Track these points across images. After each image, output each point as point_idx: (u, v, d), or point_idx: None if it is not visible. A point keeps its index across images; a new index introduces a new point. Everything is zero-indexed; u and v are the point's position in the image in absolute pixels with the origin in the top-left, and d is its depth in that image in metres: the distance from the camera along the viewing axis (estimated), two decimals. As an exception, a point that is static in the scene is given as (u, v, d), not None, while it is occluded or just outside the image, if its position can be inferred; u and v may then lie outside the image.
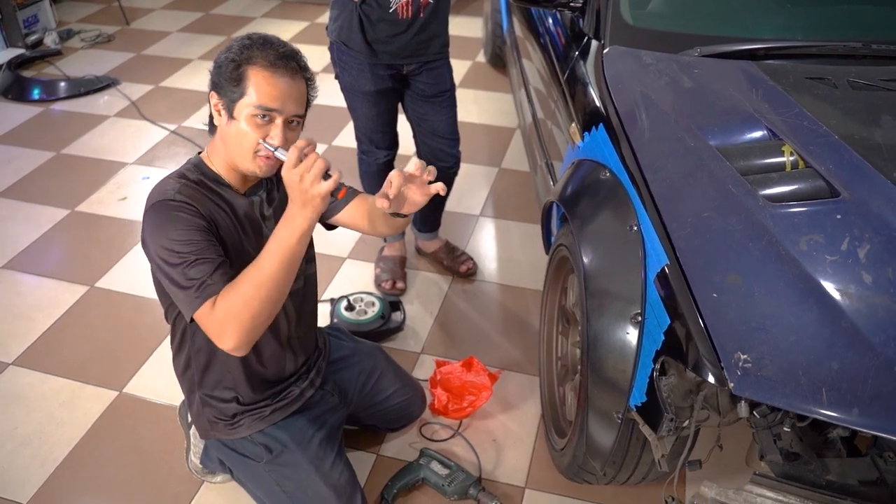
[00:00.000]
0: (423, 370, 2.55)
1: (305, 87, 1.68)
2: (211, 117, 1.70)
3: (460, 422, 2.34)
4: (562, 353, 2.24)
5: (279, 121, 1.60)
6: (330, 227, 2.04)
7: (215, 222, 1.67)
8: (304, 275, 1.93)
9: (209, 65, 1.67)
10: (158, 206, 1.62)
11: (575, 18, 2.43)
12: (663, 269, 1.54)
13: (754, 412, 1.46)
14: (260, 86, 1.58)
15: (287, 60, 1.61)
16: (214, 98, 1.64)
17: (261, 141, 1.60)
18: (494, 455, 2.25)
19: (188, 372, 1.90)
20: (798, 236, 1.46)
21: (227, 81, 1.60)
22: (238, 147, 1.63)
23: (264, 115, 1.59)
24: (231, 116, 1.61)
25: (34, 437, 2.32)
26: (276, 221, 1.79)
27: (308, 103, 1.71)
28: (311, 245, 1.95)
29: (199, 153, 1.76)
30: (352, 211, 1.94)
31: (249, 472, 1.95)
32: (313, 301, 2.02)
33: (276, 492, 1.90)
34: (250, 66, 1.59)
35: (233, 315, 1.52)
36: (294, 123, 1.65)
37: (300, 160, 1.47)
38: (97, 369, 2.55)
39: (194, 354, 1.86)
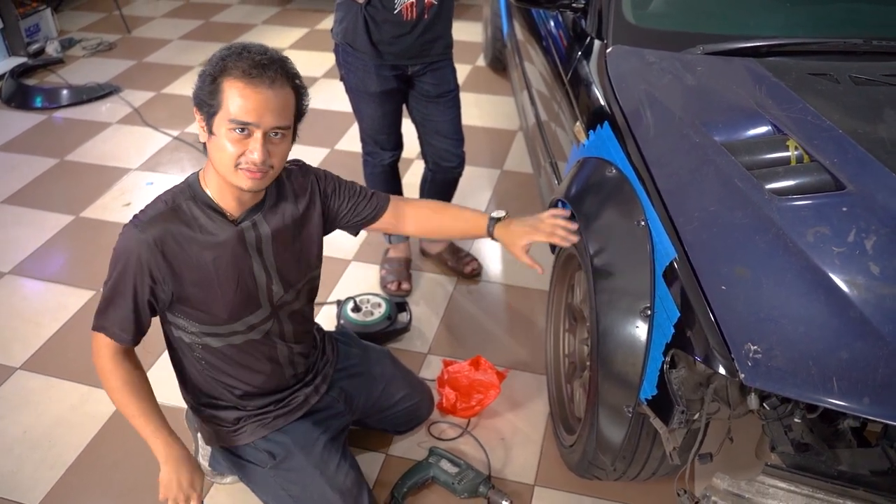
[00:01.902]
0: (430, 370, 2.56)
1: (292, 97, 1.59)
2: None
3: (468, 420, 2.35)
4: (569, 351, 2.25)
5: (258, 134, 1.53)
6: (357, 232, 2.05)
7: (172, 269, 1.65)
8: (309, 286, 1.93)
9: None
10: (129, 227, 1.64)
11: (577, 19, 2.44)
12: (672, 263, 1.55)
13: (764, 404, 1.46)
14: (233, 98, 1.50)
15: (264, 69, 1.51)
16: (196, 113, 1.58)
17: None
18: (503, 453, 2.26)
19: (185, 386, 1.94)
20: (805, 229, 1.47)
21: (206, 96, 1.53)
22: (220, 162, 1.58)
23: (242, 129, 1.53)
24: (210, 132, 1.56)
25: (43, 440, 2.33)
26: (274, 251, 1.77)
27: (299, 114, 1.64)
28: (320, 258, 1.93)
29: (199, 171, 1.72)
30: (390, 215, 2.00)
31: (255, 478, 1.96)
32: (311, 309, 2.00)
33: (283, 496, 1.90)
34: (225, 77, 1.51)
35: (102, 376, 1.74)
36: (277, 136, 1.57)
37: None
38: (105, 373, 2.56)
39: (189, 377, 1.89)
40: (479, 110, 4.34)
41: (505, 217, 1.96)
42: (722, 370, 1.37)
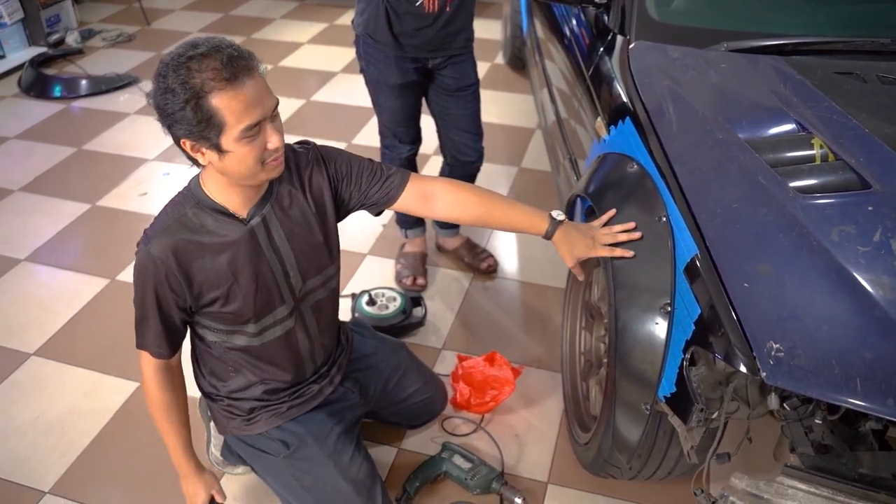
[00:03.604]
0: (445, 365, 2.55)
1: (257, 68, 1.53)
2: (190, 158, 1.57)
3: (482, 416, 2.33)
4: (585, 349, 2.24)
5: (266, 123, 1.52)
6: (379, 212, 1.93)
7: (189, 278, 1.64)
8: (329, 273, 1.88)
9: None
10: (141, 245, 1.65)
11: (599, 15, 2.42)
12: (693, 260, 1.53)
13: (784, 404, 1.44)
14: (232, 109, 1.45)
15: (236, 63, 1.45)
16: (188, 144, 1.51)
17: None
18: (517, 450, 2.25)
19: (204, 377, 1.92)
20: (829, 227, 1.45)
21: (198, 124, 1.45)
22: (245, 169, 1.55)
23: (254, 128, 1.50)
24: (222, 151, 1.51)
25: (56, 426, 2.33)
26: (289, 242, 1.74)
27: None
28: (336, 244, 1.87)
29: (198, 175, 1.68)
30: (410, 198, 1.85)
31: (268, 467, 1.95)
32: (335, 306, 1.98)
33: (295, 486, 1.90)
34: (210, 95, 1.43)
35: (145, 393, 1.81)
36: (275, 113, 1.56)
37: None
38: (118, 360, 2.56)
39: (210, 371, 1.89)
40: (497, 108, 4.33)
41: (564, 221, 1.85)
42: (743, 368, 1.35)
